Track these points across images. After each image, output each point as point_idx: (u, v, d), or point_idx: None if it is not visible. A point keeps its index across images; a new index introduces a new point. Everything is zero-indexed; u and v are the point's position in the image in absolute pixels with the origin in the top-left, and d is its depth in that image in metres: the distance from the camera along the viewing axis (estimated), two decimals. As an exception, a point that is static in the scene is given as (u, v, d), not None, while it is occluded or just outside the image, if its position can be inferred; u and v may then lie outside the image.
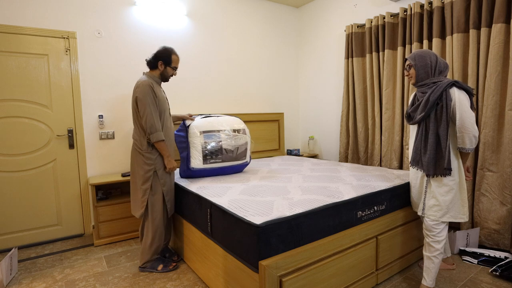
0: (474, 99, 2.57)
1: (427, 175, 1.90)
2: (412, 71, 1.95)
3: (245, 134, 2.78)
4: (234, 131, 2.72)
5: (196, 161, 2.52)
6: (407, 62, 1.97)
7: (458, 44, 2.63)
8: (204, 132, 2.57)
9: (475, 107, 1.88)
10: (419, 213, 1.99)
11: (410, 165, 2.02)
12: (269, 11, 4.26)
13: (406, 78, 2.95)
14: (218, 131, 2.64)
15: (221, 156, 2.60)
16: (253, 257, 1.53)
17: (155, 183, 2.28)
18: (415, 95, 2.00)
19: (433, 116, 1.84)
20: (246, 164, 2.83)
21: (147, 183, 2.25)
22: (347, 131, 3.79)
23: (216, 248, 1.90)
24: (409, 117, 2.02)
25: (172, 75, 2.37)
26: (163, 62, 2.28)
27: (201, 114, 2.86)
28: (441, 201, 1.86)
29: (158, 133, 2.19)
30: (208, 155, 2.55)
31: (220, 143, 2.60)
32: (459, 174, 1.87)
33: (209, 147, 2.56)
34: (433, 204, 1.89)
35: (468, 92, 1.81)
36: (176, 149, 3.28)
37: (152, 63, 2.30)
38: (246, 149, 2.77)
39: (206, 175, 2.65)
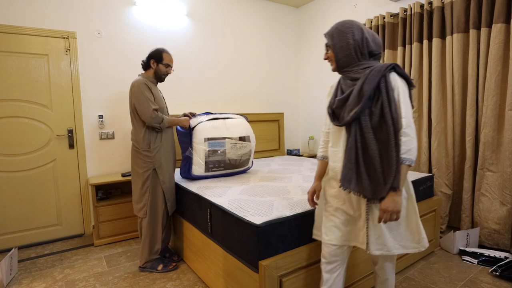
0: (473, 98, 2.59)
1: (369, 200, 1.31)
2: (330, 53, 1.39)
3: (250, 141, 2.69)
4: (240, 138, 2.62)
5: (198, 169, 2.48)
6: (326, 41, 1.40)
7: (458, 44, 2.63)
8: (209, 139, 2.47)
9: (412, 99, 1.33)
10: (362, 247, 1.38)
11: (340, 185, 1.35)
12: (269, 11, 4.26)
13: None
14: (224, 138, 2.53)
15: (224, 165, 2.56)
16: (253, 257, 1.53)
17: (154, 181, 2.30)
18: (339, 82, 1.43)
19: (367, 113, 1.28)
20: (248, 169, 2.81)
21: (147, 182, 2.27)
22: (347, 131, 3.77)
23: (216, 248, 1.90)
24: (334, 115, 1.41)
25: (166, 74, 2.38)
26: (155, 60, 2.32)
27: (207, 113, 2.73)
28: (389, 227, 1.35)
29: (160, 118, 2.23)
30: (210, 164, 2.49)
31: (225, 152, 2.52)
32: (406, 188, 1.38)
33: (212, 157, 2.48)
34: (380, 233, 1.34)
35: (409, 82, 1.32)
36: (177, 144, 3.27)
37: (145, 63, 2.36)
38: (250, 156, 2.72)
39: (207, 179, 2.62)
